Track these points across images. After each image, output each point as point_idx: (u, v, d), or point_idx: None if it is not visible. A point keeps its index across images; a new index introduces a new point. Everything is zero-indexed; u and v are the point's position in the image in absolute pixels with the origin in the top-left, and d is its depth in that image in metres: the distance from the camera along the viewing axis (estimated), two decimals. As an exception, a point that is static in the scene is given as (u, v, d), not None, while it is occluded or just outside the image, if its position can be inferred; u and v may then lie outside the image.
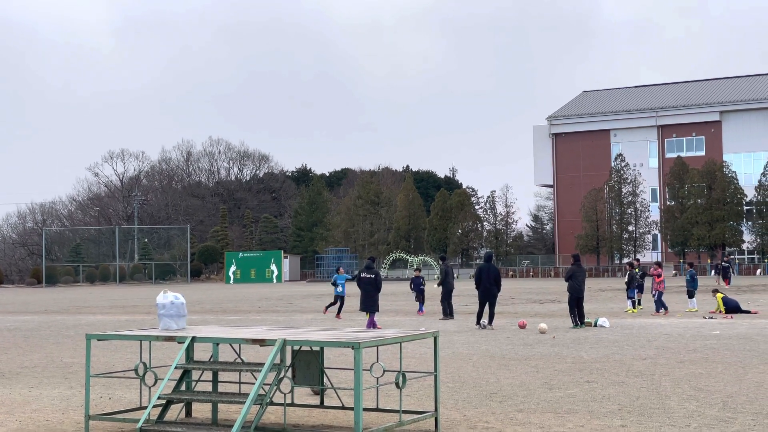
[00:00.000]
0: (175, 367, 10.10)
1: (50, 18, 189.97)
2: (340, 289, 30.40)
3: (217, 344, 10.71)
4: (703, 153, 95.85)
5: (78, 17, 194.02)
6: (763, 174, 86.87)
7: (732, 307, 28.75)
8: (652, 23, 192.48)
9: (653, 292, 29.55)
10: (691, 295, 31.64)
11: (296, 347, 10.38)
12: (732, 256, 58.53)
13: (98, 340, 11.44)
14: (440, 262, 31.10)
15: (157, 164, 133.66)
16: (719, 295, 29.72)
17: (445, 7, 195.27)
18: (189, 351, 10.32)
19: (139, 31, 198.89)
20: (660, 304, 29.18)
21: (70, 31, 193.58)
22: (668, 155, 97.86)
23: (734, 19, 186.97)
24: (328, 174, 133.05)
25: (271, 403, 10.11)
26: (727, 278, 49.30)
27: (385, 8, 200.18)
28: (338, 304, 30.48)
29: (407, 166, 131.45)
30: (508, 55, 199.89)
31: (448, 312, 28.58)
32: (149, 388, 10.71)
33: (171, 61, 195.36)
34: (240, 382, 11.14)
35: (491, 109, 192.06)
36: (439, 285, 29.53)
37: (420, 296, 32.22)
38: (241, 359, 11.04)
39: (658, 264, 31.52)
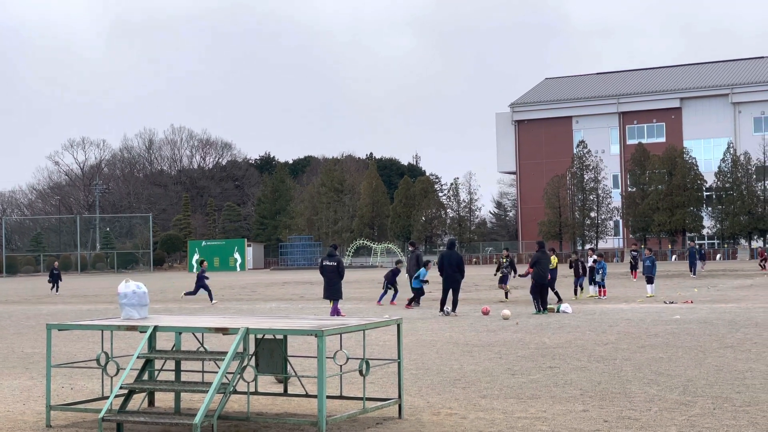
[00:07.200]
0: (138, 357, 10.04)
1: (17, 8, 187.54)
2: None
3: (180, 333, 10.65)
4: (663, 139, 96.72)
5: (52, 7, 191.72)
6: (723, 160, 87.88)
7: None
8: (615, 11, 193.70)
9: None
10: (650, 281, 31.89)
11: (259, 335, 10.35)
12: (643, 246, 55.64)
13: (59, 329, 11.36)
14: (410, 249, 30.65)
15: (119, 152, 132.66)
16: (554, 259, 29.57)
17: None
18: (151, 340, 10.26)
19: (107, 18, 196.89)
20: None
21: (36, 18, 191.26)
22: (629, 142, 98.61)
23: (695, 6, 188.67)
24: (291, 162, 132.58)
25: (235, 392, 10.09)
26: (635, 269, 43.79)
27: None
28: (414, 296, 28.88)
29: (371, 153, 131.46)
30: (471, 42, 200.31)
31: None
32: (111, 377, 10.62)
33: (133, 49, 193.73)
34: (203, 371, 11.09)
35: (454, 97, 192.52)
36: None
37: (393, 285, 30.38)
38: (204, 348, 10.99)
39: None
